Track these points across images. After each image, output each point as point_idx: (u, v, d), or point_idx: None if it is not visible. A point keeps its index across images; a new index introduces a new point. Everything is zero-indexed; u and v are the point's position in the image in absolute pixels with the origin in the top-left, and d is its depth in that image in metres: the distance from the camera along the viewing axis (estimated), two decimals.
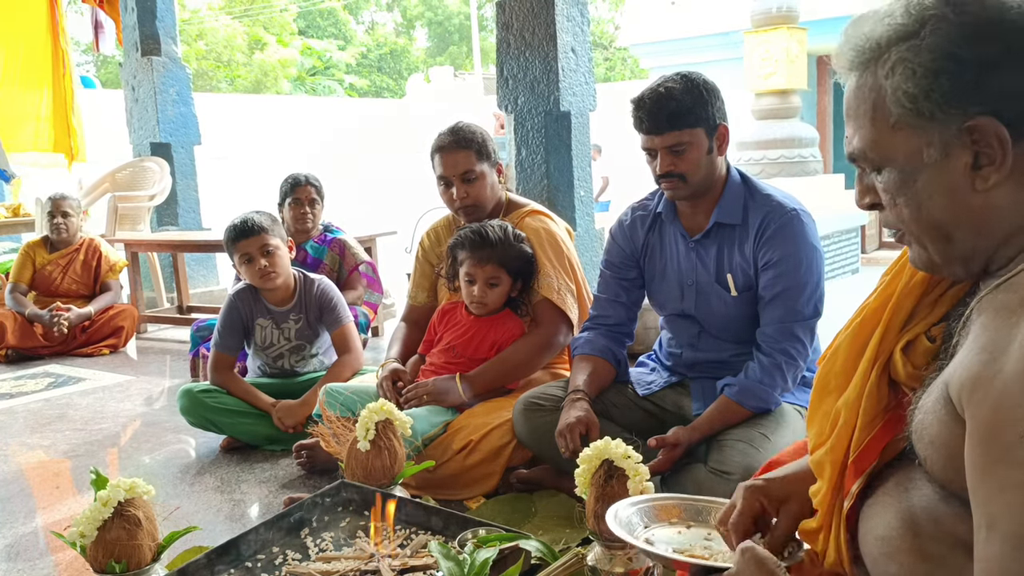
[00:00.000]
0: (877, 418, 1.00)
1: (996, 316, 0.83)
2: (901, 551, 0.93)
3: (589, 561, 1.42)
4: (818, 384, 1.09)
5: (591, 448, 1.46)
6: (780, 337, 1.88)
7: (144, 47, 5.69)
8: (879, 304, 1.03)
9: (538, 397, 2.10)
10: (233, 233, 2.71)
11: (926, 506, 0.92)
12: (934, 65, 0.82)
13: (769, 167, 5.64)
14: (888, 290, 1.03)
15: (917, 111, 0.84)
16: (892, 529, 0.95)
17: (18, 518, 2.27)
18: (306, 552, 1.66)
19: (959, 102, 0.82)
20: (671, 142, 1.86)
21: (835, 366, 1.06)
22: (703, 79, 1.90)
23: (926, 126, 0.84)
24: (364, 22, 31.35)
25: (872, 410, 1.00)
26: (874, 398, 1.00)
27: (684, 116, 1.84)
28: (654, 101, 1.86)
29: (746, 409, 1.87)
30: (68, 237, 4.64)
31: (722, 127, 1.91)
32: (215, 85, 22.69)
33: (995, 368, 0.77)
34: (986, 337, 0.82)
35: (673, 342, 2.14)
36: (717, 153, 1.93)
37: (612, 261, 2.15)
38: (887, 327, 1.01)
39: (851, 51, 0.90)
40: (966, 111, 0.82)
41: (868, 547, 1.00)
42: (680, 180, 1.90)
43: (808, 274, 1.88)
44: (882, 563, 0.97)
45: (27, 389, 3.77)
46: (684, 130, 1.85)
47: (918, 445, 0.91)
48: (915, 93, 0.83)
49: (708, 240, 1.98)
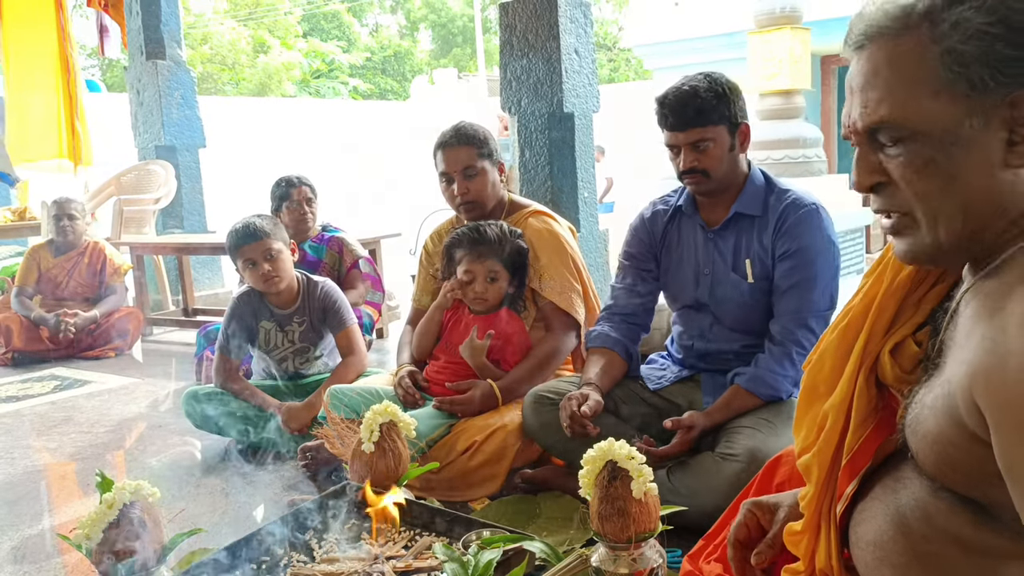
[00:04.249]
0: (869, 419, 1.00)
1: (985, 303, 0.82)
2: (894, 554, 0.93)
3: (593, 562, 1.42)
4: (805, 389, 1.09)
5: (595, 449, 1.46)
6: (794, 327, 1.91)
7: (149, 51, 5.70)
8: (863, 307, 1.03)
9: (548, 391, 2.12)
10: (236, 238, 2.72)
11: (915, 505, 0.92)
12: (994, 30, 0.79)
13: (773, 167, 5.63)
14: (871, 292, 1.03)
15: (968, 77, 0.80)
16: (883, 533, 0.95)
17: (24, 520, 2.27)
18: (311, 554, 1.67)
19: (1011, 72, 0.79)
20: (694, 138, 1.91)
21: (822, 371, 1.06)
22: (725, 79, 1.95)
23: (971, 95, 0.81)
24: (368, 25, 31.40)
25: (863, 412, 1.00)
26: (864, 400, 1.00)
27: (707, 113, 1.89)
28: (678, 99, 1.91)
29: (758, 397, 1.90)
30: (74, 240, 4.65)
31: (744, 125, 1.96)
32: (220, 88, 22.74)
33: (1001, 353, 0.75)
34: (981, 327, 0.80)
35: (684, 335, 2.16)
36: (739, 151, 1.97)
37: (631, 252, 2.18)
38: (872, 330, 1.00)
39: (884, 16, 0.86)
40: (1013, 82, 0.79)
41: (861, 553, 1.00)
42: (703, 176, 1.95)
43: (824, 266, 1.92)
44: (875, 568, 0.96)
45: (33, 392, 3.78)
46: (707, 127, 1.90)
47: (911, 439, 0.90)
48: (970, 58, 0.80)
49: (727, 231, 2.02)
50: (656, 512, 1.39)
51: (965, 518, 0.86)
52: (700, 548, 1.43)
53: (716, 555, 1.38)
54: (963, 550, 0.87)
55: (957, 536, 0.87)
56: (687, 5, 8.59)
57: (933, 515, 0.89)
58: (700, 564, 1.39)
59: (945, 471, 0.86)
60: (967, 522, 0.86)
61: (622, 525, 1.36)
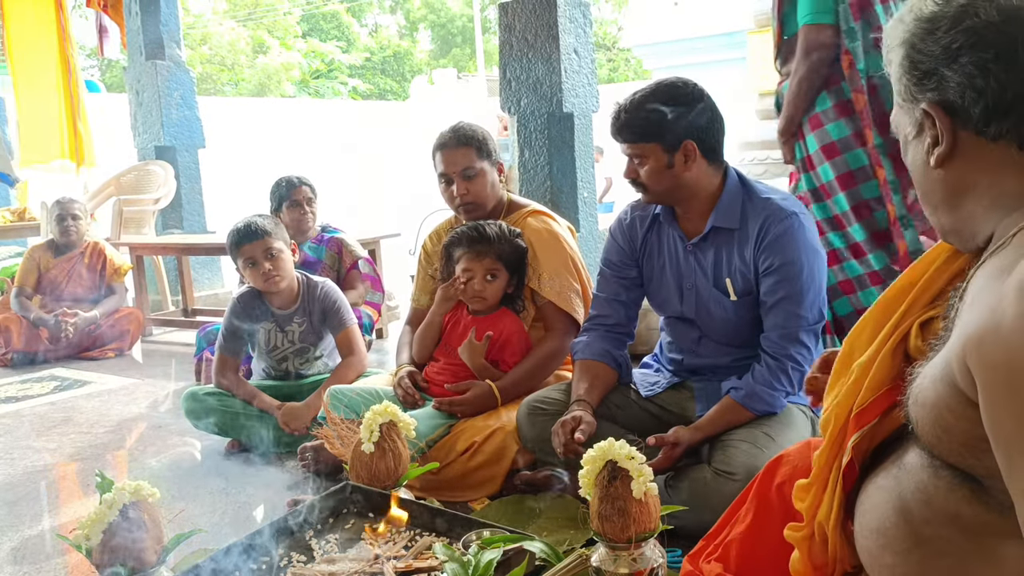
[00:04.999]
0: (884, 383, 1.04)
1: (988, 279, 0.87)
2: (896, 540, 0.96)
3: (593, 562, 1.42)
4: (843, 354, 1.12)
5: (595, 449, 1.46)
6: (785, 342, 1.87)
7: (148, 51, 5.70)
8: (909, 282, 1.07)
9: (541, 401, 2.10)
10: (236, 237, 2.72)
11: (916, 488, 0.95)
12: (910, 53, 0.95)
13: (773, 167, 5.62)
14: (920, 267, 1.07)
15: (899, 92, 0.98)
16: (886, 519, 0.98)
17: (24, 521, 2.27)
18: (310, 554, 1.67)
19: (921, 88, 0.94)
20: (629, 152, 1.91)
21: (860, 337, 1.10)
22: (678, 92, 1.87)
23: (905, 106, 0.98)
24: (367, 25, 31.39)
25: (881, 374, 1.04)
26: (886, 364, 1.03)
27: (636, 130, 1.87)
28: (617, 110, 1.90)
29: (751, 412, 1.87)
30: (76, 240, 4.66)
31: (687, 144, 1.86)
32: (219, 89, 22.73)
33: (996, 317, 0.78)
34: (982, 299, 0.85)
35: (674, 347, 2.14)
36: (682, 169, 1.88)
37: (611, 260, 2.14)
38: (912, 302, 1.05)
39: None
40: (926, 96, 0.93)
41: (865, 542, 1.03)
42: (642, 188, 1.94)
43: (810, 279, 1.86)
44: (878, 555, 0.99)
45: (33, 393, 3.78)
46: (637, 144, 1.88)
47: (913, 409, 0.94)
48: (898, 75, 0.97)
49: (706, 244, 1.97)
50: (656, 512, 1.39)
51: (962, 495, 0.90)
52: (700, 548, 1.43)
53: (716, 555, 1.38)
54: (961, 531, 0.90)
55: (956, 515, 0.90)
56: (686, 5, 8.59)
57: (933, 496, 0.92)
58: (700, 564, 1.39)
59: (941, 437, 0.89)
60: (964, 499, 0.90)
61: (622, 525, 1.36)
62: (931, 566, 0.93)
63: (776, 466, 1.37)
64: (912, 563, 0.95)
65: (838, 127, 2.54)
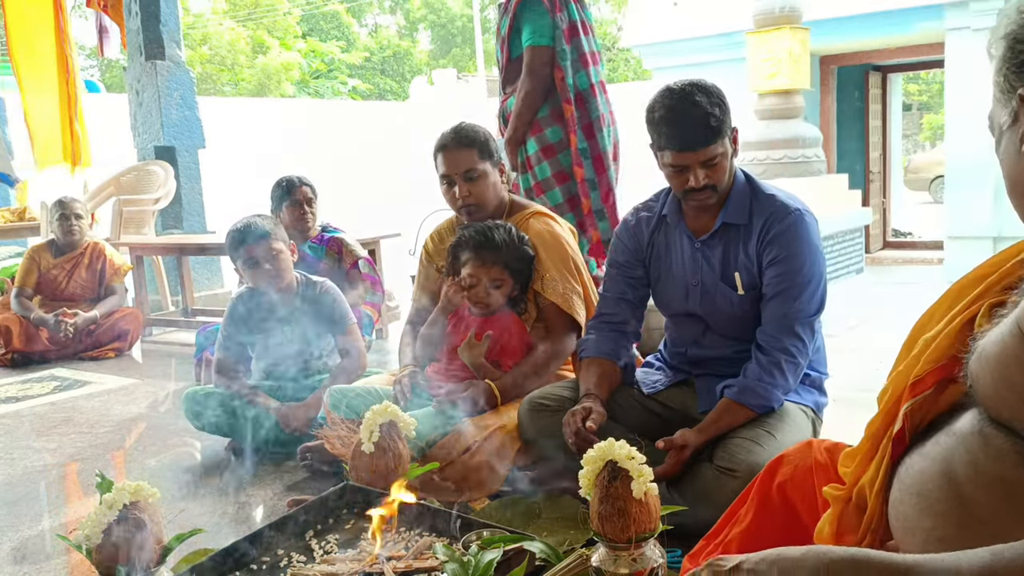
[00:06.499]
0: (944, 356, 1.05)
1: None
2: (937, 502, 0.97)
3: (593, 562, 1.42)
4: (916, 327, 1.13)
5: (595, 449, 1.46)
6: (780, 335, 1.89)
7: (148, 51, 5.71)
8: (987, 269, 1.08)
9: (544, 398, 2.11)
10: (236, 236, 2.71)
11: (964, 450, 0.96)
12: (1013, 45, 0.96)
13: (772, 167, 5.62)
14: (1001, 256, 1.08)
15: (997, 84, 0.99)
16: (928, 482, 0.99)
17: (24, 521, 2.27)
18: (311, 554, 1.67)
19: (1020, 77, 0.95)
20: (708, 156, 1.87)
21: (933, 317, 1.11)
22: (714, 86, 1.91)
23: (1003, 98, 0.99)
24: (367, 25, 31.40)
25: (943, 347, 1.05)
26: (950, 338, 1.05)
27: (717, 129, 1.85)
28: (687, 118, 1.84)
29: (749, 408, 1.87)
30: (78, 239, 4.66)
31: (735, 130, 1.94)
32: (219, 89, 22.73)
33: None
34: None
35: (678, 340, 2.15)
36: (734, 156, 1.95)
37: (618, 260, 2.16)
38: (988, 288, 1.05)
39: None
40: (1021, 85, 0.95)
41: (902, 507, 1.02)
42: (713, 191, 1.92)
43: (810, 273, 1.90)
44: (915, 519, 0.99)
45: (33, 393, 3.78)
46: (715, 142, 1.87)
47: (974, 365, 0.96)
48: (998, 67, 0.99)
49: (714, 240, 2.00)
50: (656, 512, 1.39)
51: (1011, 461, 0.91)
52: (700, 548, 1.43)
53: (716, 555, 1.38)
54: (1005, 496, 0.90)
55: (1001, 478, 0.91)
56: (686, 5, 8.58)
57: (981, 460, 0.93)
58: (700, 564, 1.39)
59: (1001, 392, 0.91)
60: (1012, 464, 0.90)
61: (622, 525, 1.36)
62: (971, 532, 0.92)
63: (777, 466, 1.37)
64: (951, 524, 0.94)
65: (554, 131, 3.18)
